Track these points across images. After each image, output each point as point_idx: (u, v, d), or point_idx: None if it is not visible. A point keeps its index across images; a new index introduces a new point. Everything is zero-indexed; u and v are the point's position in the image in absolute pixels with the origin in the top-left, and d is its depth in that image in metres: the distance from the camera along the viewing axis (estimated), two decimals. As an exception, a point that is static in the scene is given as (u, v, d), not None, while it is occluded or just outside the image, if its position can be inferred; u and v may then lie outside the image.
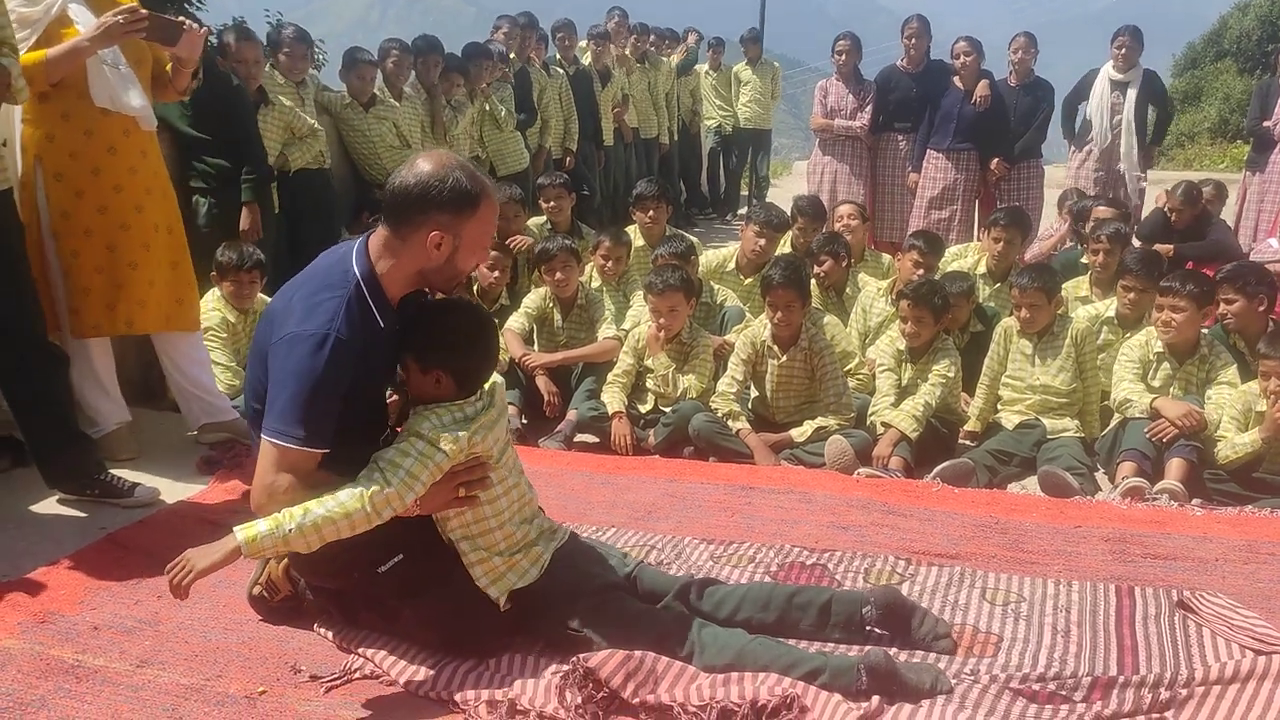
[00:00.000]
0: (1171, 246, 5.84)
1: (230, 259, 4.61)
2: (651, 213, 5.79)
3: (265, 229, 5.07)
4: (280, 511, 2.31)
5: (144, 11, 3.60)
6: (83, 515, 3.61)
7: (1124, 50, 7.09)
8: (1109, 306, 4.78)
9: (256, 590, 2.84)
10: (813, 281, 5.42)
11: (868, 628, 2.66)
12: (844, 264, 5.38)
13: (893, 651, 2.53)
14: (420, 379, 2.53)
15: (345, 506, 2.31)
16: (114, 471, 3.77)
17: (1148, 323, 4.52)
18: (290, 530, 2.28)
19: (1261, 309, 4.32)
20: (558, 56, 8.63)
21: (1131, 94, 7.05)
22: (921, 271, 5.11)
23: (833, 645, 2.64)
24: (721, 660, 2.45)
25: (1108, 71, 7.18)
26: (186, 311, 4.08)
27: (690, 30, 11.27)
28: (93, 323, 3.85)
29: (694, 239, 5.83)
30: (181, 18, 3.77)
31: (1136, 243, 5.76)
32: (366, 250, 2.50)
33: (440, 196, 2.38)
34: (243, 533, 2.29)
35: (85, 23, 3.62)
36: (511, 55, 7.79)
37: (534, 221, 6.31)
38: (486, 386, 2.59)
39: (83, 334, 3.86)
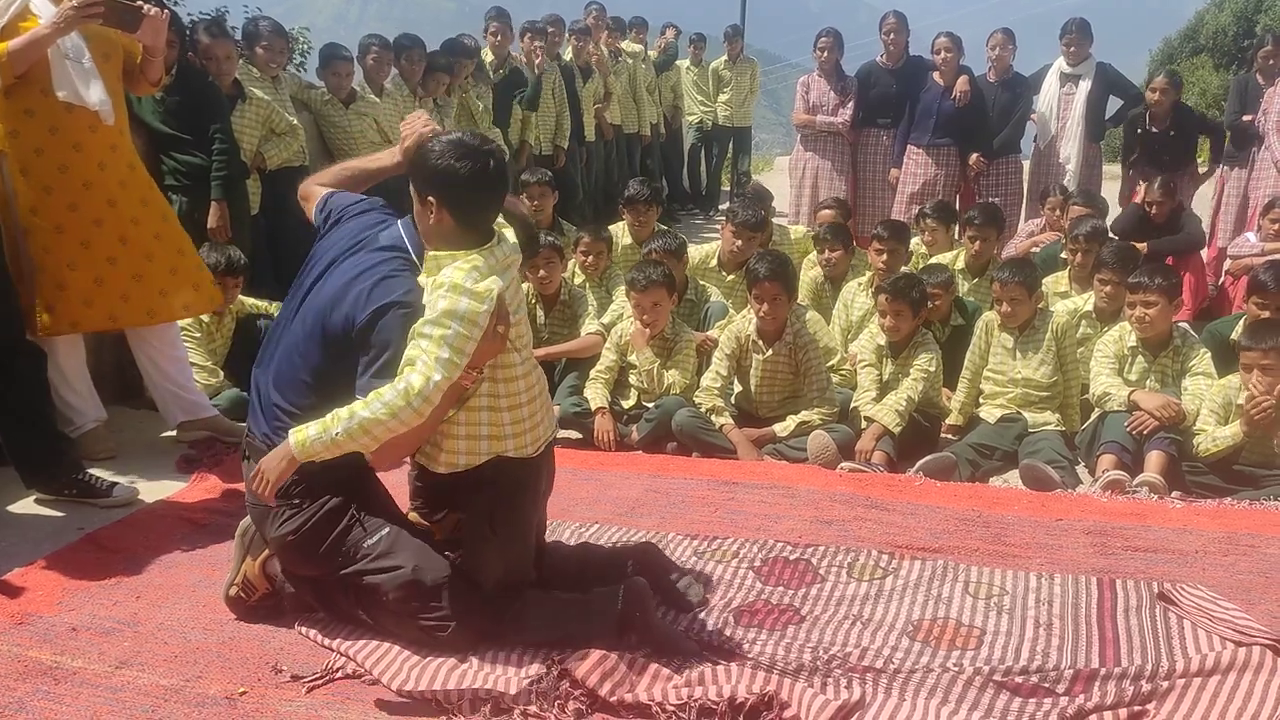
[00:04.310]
0: (1145, 244, 5.89)
1: (218, 263, 4.55)
2: (643, 215, 5.80)
3: (239, 227, 5.01)
4: (328, 416, 2.36)
5: None
6: (60, 515, 3.57)
7: (1073, 47, 7.16)
8: (1087, 300, 4.81)
9: (233, 591, 2.82)
10: (815, 273, 5.47)
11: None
12: (850, 253, 5.46)
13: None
14: (420, 211, 2.49)
15: (390, 405, 2.30)
16: (92, 471, 3.74)
17: (1125, 316, 4.56)
18: (338, 434, 2.32)
19: None
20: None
21: (1084, 85, 7.10)
22: (885, 258, 5.15)
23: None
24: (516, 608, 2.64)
25: (1059, 66, 7.24)
26: (170, 303, 4.00)
27: (669, 26, 11.23)
28: (70, 320, 3.78)
29: (683, 237, 5.83)
30: (140, 2, 3.64)
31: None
32: (415, 229, 2.59)
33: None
34: (294, 436, 2.35)
35: (47, 15, 3.55)
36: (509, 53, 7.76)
37: (515, 217, 6.26)
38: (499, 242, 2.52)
39: (58, 331, 3.77)
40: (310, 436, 2.35)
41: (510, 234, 2.61)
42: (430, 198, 2.44)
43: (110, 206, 3.80)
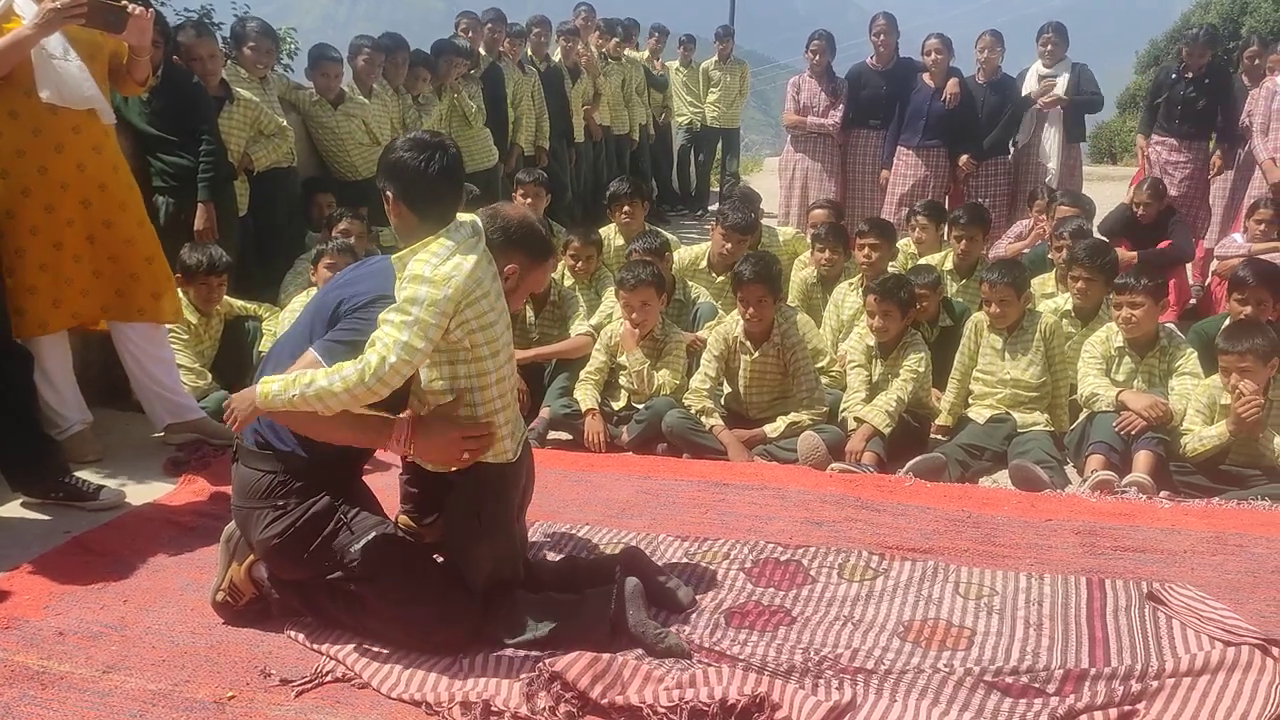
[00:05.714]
0: (1134, 254, 5.91)
1: (200, 262, 4.53)
2: (627, 208, 5.80)
3: (226, 229, 4.98)
4: (294, 375, 2.43)
5: None
6: (47, 519, 3.55)
7: (1050, 47, 7.24)
8: (1067, 300, 4.83)
9: (220, 596, 2.81)
10: (806, 273, 5.46)
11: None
12: (846, 255, 5.46)
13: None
14: (387, 210, 2.55)
15: (346, 380, 2.37)
16: (79, 474, 3.71)
17: (1104, 313, 4.57)
18: (294, 395, 2.39)
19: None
20: (529, 53, 8.57)
21: (1061, 83, 7.16)
22: (868, 253, 5.18)
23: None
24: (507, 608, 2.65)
25: (1036, 68, 7.32)
26: (126, 303, 3.96)
27: (657, 29, 11.22)
28: (39, 321, 3.75)
29: (670, 236, 5.82)
30: (124, 2, 3.60)
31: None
32: None
33: (531, 240, 2.81)
34: (262, 385, 2.42)
35: (30, 15, 3.52)
36: (481, 51, 7.74)
37: (505, 218, 6.24)
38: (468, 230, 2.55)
39: (28, 333, 3.73)
40: (273, 391, 2.42)
41: (468, 217, 2.63)
42: (388, 191, 2.53)
43: (84, 207, 3.77)
